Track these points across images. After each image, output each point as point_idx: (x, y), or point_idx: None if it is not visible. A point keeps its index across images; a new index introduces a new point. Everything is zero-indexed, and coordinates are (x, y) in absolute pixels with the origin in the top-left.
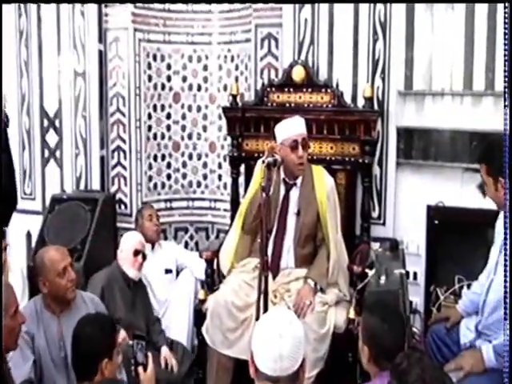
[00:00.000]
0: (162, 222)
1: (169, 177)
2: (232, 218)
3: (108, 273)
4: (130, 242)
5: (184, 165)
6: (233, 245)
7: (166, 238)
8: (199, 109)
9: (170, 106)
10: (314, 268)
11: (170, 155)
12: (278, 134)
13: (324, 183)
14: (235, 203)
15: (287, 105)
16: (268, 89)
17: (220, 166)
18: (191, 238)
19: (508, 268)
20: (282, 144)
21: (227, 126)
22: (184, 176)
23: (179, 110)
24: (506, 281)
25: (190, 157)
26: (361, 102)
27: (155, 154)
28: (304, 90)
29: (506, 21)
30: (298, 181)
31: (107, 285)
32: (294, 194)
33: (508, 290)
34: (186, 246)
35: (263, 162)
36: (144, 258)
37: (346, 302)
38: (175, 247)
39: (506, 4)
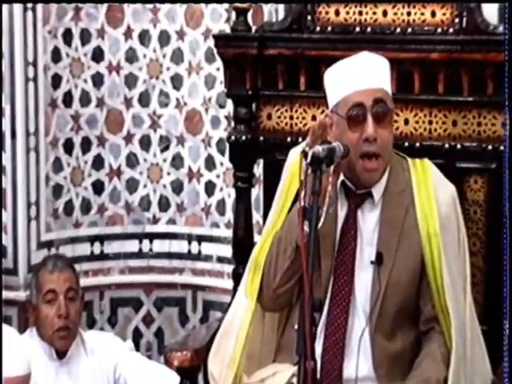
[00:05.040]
0: (87, 286)
1: (98, 188)
2: (237, 278)
3: None
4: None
5: (132, 161)
6: (240, 336)
7: (91, 325)
8: (166, 39)
9: (102, 35)
10: (415, 378)
11: (101, 141)
12: (328, 92)
13: (434, 196)
14: (243, 244)
15: (357, 29)
16: None
17: (211, 165)
18: (148, 320)
19: (508, 267)
20: (335, 112)
21: (226, 78)
22: (132, 187)
23: (121, 40)
24: (505, 279)
25: (145, 143)
26: None
27: (68, 139)
28: None
29: (506, 21)
30: (377, 190)
31: None
32: (369, 218)
33: (508, 289)
34: (137, 339)
35: (305, 154)
36: None
37: None
38: (114, 349)
39: (506, 4)
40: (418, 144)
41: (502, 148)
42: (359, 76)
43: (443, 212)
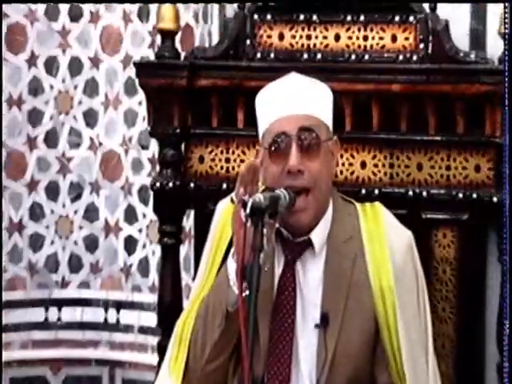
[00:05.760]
0: None
1: None
2: (162, 352)
3: None
4: None
5: (36, 213)
6: None
7: None
8: (77, 67)
9: (0, 62)
10: None
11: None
12: (258, 122)
13: (386, 244)
14: (170, 312)
15: (305, 56)
16: (256, 16)
17: (131, 217)
18: None
19: (508, 267)
20: (261, 145)
21: (149, 113)
22: (37, 244)
23: (23, 68)
24: (505, 281)
25: (53, 191)
26: (495, 49)
27: None
28: (348, 19)
29: (507, 21)
30: (318, 237)
31: None
32: (311, 272)
33: (508, 289)
34: None
35: (243, 204)
36: None
37: None
38: None
39: (506, 4)
40: (376, 191)
41: (474, 196)
42: (283, 101)
43: (398, 262)
